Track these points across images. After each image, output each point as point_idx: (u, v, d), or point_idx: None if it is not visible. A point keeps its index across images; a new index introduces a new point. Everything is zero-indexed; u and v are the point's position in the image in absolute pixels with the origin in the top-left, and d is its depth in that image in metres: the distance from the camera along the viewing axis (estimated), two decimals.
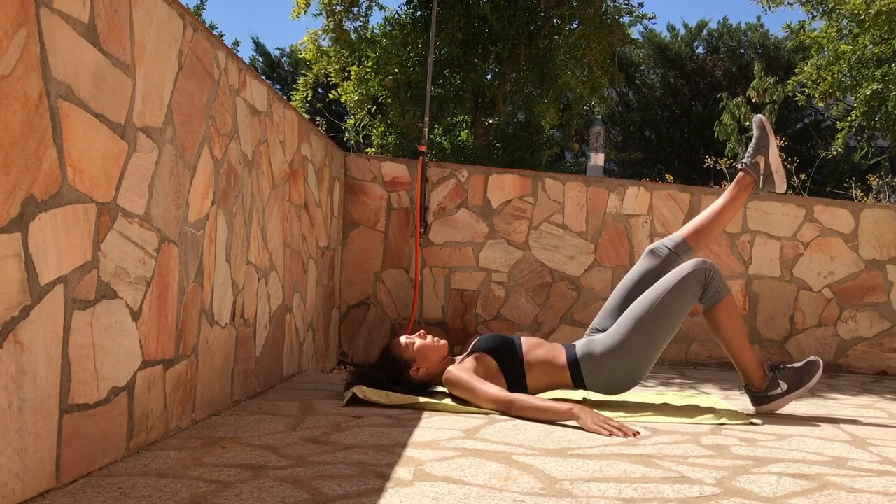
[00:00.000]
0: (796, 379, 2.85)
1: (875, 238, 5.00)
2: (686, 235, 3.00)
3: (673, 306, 2.79)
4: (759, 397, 2.88)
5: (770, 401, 2.86)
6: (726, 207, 3.03)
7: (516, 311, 4.84)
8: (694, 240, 2.99)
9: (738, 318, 2.90)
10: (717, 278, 2.83)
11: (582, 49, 6.86)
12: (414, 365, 2.83)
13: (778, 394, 2.85)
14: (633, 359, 2.79)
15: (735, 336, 2.87)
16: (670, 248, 2.96)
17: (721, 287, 2.84)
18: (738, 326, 2.88)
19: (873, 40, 7.02)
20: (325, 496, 1.58)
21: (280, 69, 15.98)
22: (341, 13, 7.08)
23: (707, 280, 2.81)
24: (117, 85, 1.79)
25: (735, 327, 2.86)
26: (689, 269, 2.81)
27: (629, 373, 2.80)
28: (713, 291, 2.82)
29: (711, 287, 2.82)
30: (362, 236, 4.79)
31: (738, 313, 2.90)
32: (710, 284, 2.82)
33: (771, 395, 2.86)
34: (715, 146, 10.86)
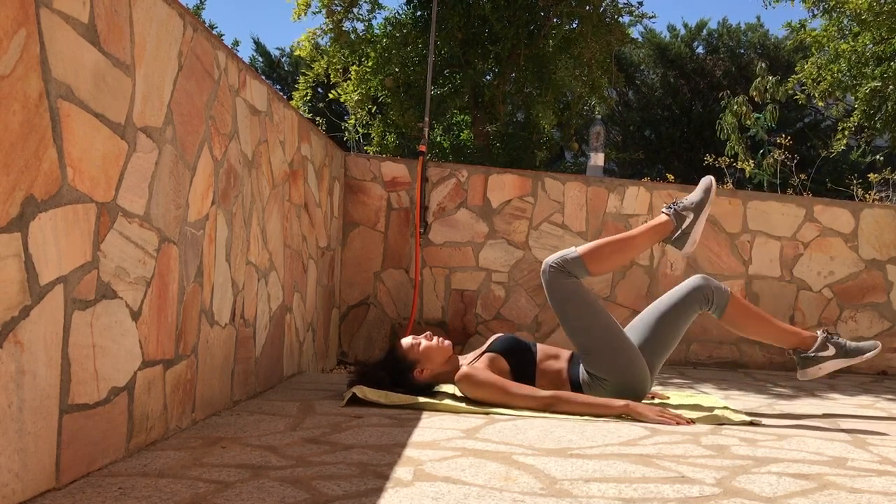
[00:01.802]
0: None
1: (875, 238, 5.00)
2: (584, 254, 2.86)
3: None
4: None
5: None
6: (636, 242, 2.97)
7: (516, 311, 4.84)
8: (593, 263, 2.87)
9: (605, 244, 2.92)
10: (717, 288, 2.87)
11: (580, 48, 6.86)
12: (418, 366, 2.83)
13: (824, 356, 2.84)
14: (634, 379, 2.83)
15: (622, 250, 2.92)
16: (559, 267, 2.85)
17: (722, 293, 2.87)
18: (613, 247, 2.90)
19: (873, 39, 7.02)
20: (325, 496, 1.58)
21: (280, 69, 15.97)
22: (341, 13, 7.08)
23: (563, 268, 2.83)
24: (117, 85, 1.79)
25: (613, 249, 2.90)
26: (547, 281, 2.85)
27: (633, 388, 2.83)
28: (718, 300, 2.86)
29: (569, 268, 2.84)
30: (362, 236, 4.79)
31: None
32: (566, 267, 2.83)
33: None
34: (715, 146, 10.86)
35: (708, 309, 2.89)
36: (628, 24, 7.74)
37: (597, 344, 2.82)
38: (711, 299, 2.86)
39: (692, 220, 2.93)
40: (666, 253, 4.89)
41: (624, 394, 2.76)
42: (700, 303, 2.87)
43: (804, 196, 6.13)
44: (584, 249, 2.88)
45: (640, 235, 2.97)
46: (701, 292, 2.86)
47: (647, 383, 2.87)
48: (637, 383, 2.84)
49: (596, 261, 2.88)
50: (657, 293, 4.84)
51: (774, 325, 2.95)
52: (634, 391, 2.82)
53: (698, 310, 2.88)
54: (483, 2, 6.60)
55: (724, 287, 2.91)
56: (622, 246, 2.95)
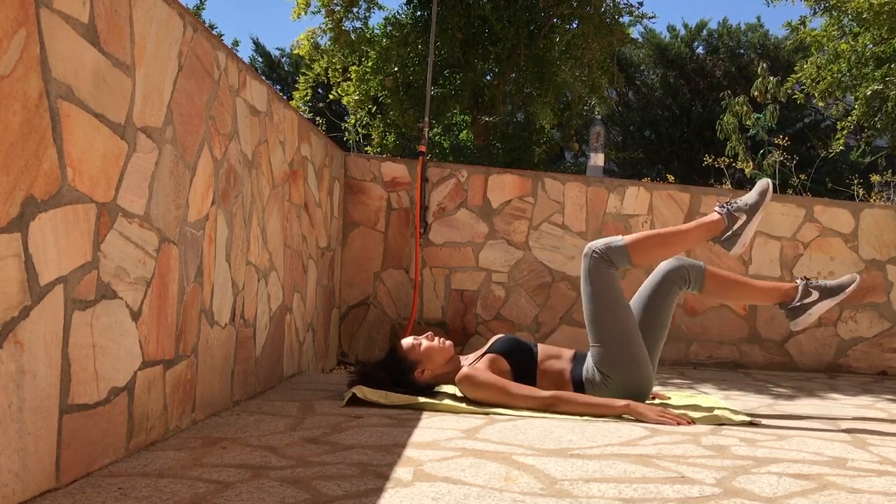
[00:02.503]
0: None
1: (875, 238, 5.00)
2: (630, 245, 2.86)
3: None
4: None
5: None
6: (684, 239, 2.95)
7: (516, 311, 4.84)
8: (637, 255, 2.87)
9: (728, 276, 2.95)
10: (607, 248, 2.84)
11: (580, 48, 6.86)
12: (419, 367, 2.83)
13: (810, 301, 2.86)
14: (637, 372, 2.82)
15: (668, 244, 2.92)
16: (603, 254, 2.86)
17: (697, 268, 2.88)
18: (659, 240, 2.91)
19: (873, 40, 7.02)
20: (325, 496, 1.58)
21: (280, 69, 15.97)
22: (340, 13, 7.08)
23: (605, 256, 2.83)
24: (117, 85, 1.79)
25: (659, 242, 2.90)
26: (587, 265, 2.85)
27: (635, 385, 2.82)
28: (616, 255, 2.84)
29: (613, 256, 2.83)
30: (362, 236, 4.79)
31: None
32: (610, 256, 2.83)
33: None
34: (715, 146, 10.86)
35: (687, 288, 2.90)
36: (628, 24, 7.74)
37: (614, 341, 2.81)
38: (688, 278, 2.87)
39: (744, 222, 2.89)
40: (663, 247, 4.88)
41: (627, 394, 2.76)
42: (678, 284, 2.88)
43: (804, 196, 6.13)
44: (630, 239, 2.87)
45: (689, 231, 2.93)
46: (676, 274, 2.88)
47: (650, 384, 2.87)
48: (642, 384, 2.84)
49: (641, 252, 2.86)
50: None
51: (754, 287, 2.98)
52: (638, 391, 2.81)
53: (678, 291, 2.90)
54: (483, 2, 6.60)
55: (697, 262, 2.92)
56: (669, 240, 2.93)
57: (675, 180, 9.76)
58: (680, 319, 4.87)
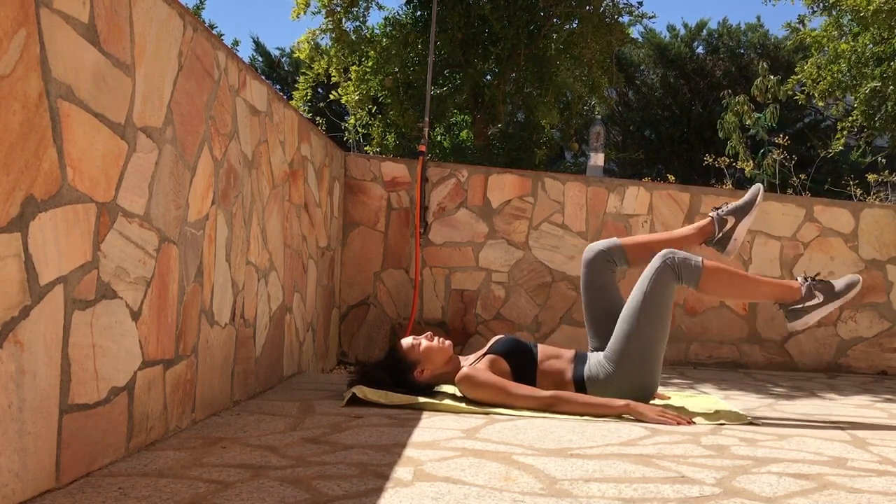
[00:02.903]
0: (834, 292, 2.82)
1: (875, 238, 5.00)
2: (627, 245, 2.98)
3: (656, 311, 2.78)
4: (795, 310, 2.82)
5: (805, 312, 2.81)
6: (677, 241, 3.01)
7: (516, 311, 4.84)
8: (633, 253, 2.97)
9: (730, 276, 2.86)
10: (683, 261, 2.79)
11: (580, 48, 6.85)
12: (419, 366, 2.83)
13: (814, 304, 2.80)
14: (640, 372, 2.79)
15: (740, 289, 2.90)
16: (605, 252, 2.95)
17: (692, 265, 2.79)
18: (734, 281, 2.86)
19: (873, 39, 7.02)
20: (325, 496, 1.58)
21: (280, 69, 15.97)
22: (340, 13, 7.07)
23: (676, 270, 2.78)
24: (117, 85, 1.79)
25: (732, 283, 2.86)
26: (655, 271, 2.79)
27: (638, 385, 2.80)
28: (688, 273, 2.78)
29: (684, 272, 2.79)
30: (362, 236, 4.79)
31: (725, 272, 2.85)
32: (681, 270, 2.78)
33: (808, 307, 2.81)
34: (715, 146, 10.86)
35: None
36: (628, 24, 7.73)
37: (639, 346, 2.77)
38: (679, 274, 2.79)
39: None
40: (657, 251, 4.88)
41: (631, 394, 2.74)
42: (671, 278, 2.79)
43: (804, 196, 6.13)
44: (710, 265, 2.84)
45: (764, 285, 2.92)
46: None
47: (655, 385, 2.85)
48: (647, 388, 2.82)
49: (712, 281, 2.83)
50: None
51: (755, 284, 2.90)
52: (642, 396, 2.79)
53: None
54: (483, 2, 6.59)
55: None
56: (743, 285, 2.92)
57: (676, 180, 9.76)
58: (680, 319, 4.87)
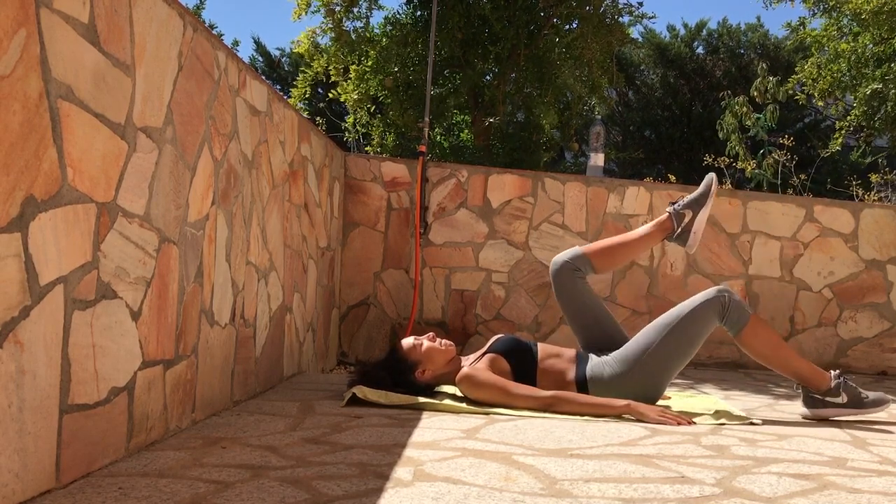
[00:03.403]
0: (859, 399, 2.74)
1: (875, 238, 5.00)
2: (589, 252, 2.99)
3: (687, 335, 2.77)
4: (816, 399, 2.76)
5: (825, 406, 2.75)
6: (638, 241, 3.05)
7: (516, 311, 4.84)
8: (598, 259, 2.99)
9: (771, 335, 2.80)
10: (736, 304, 2.75)
11: (580, 48, 6.85)
12: (420, 367, 2.83)
13: (835, 403, 2.73)
14: (645, 383, 2.78)
15: (775, 352, 2.79)
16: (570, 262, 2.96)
17: (742, 311, 2.75)
18: (773, 343, 2.79)
19: (873, 39, 7.02)
20: (325, 496, 1.58)
21: (280, 69, 15.96)
22: (340, 13, 7.07)
23: (724, 309, 2.74)
24: (117, 85, 1.79)
25: (771, 344, 2.78)
26: (705, 298, 2.75)
27: (643, 392, 2.77)
28: (735, 318, 2.74)
29: (732, 314, 2.74)
30: (362, 236, 4.79)
31: (768, 331, 2.80)
32: (730, 312, 2.73)
33: (828, 402, 2.74)
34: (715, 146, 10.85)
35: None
36: (628, 24, 7.73)
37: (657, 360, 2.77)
38: (726, 313, 2.74)
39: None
40: (666, 253, 4.89)
41: (634, 398, 2.71)
42: (716, 313, 2.74)
43: (804, 196, 6.13)
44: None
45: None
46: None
47: (660, 395, 2.83)
48: (653, 394, 2.80)
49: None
50: (657, 293, 4.85)
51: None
52: (646, 399, 2.76)
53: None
54: (483, 2, 6.59)
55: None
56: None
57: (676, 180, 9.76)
58: None
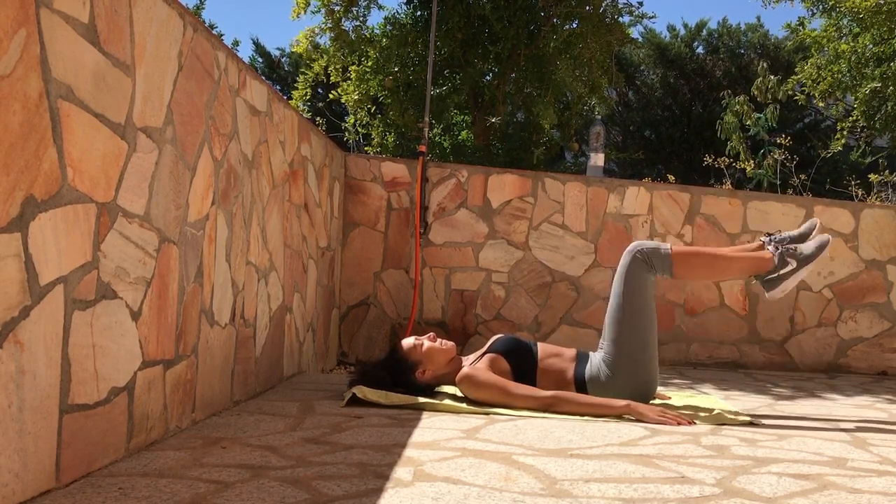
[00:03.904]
0: (804, 256, 2.80)
1: (875, 238, 5.00)
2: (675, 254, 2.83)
3: (637, 304, 2.80)
4: (772, 280, 2.81)
5: (781, 280, 2.80)
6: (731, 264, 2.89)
7: (516, 311, 4.84)
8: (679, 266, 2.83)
9: (702, 255, 2.89)
10: (652, 251, 2.81)
11: (579, 48, 6.85)
12: (420, 367, 2.83)
13: (789, 271, 2.79)
14: (636, 371, 2.80)
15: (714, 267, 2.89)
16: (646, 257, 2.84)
17: (662, 255, 2.80)
18: (708, 260, 2.88)
19: (873, 40, 7.02)
20: (325, 496, 1.58)
21: (280, 69, 15.96)
22: (340, 13, 7.07)
23: (648, 260, 2.80)
24: (117, 85, 1.79)
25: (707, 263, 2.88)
26: (627, 263, 2.82)
27: (637, 385, 2.80)
28: (660, 263, 2.80)
29: (655, 262, 2.80)
30: (362, 236, 4.79)
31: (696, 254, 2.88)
32: (653, 261, 2.80)
33: (783, 275, 2.79)
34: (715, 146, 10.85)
35: (655, 272, 2.81)
36: (628, 24, 7.74)
37: (631, 344, 2.79)
38: (651, 261, 2.80)
39: (793, 269, 2.81)
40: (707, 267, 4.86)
41: (631, 395, 2.74)
42: (644, 269, 2.80)
43: (804, 196, 6.13)
44: (678, 251, 2.84)
45: (737, 261, 2.87)
46: (637, 261, 2.80)
47: (655, 388, 2.87)
48: (647, 388, 2.83)
49: (684, 266, 2.83)
50: (657, 293, 4.84)
51: (727, 261, 2.86)
52: (642, 394, 2.80)
53: (648, 276, 2.81)
54: (483, 2, 6.59)
55: (661, 247, 2.83)
56: (716, 263, 2.90)
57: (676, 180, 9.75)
58: (680, 319, 4.87)
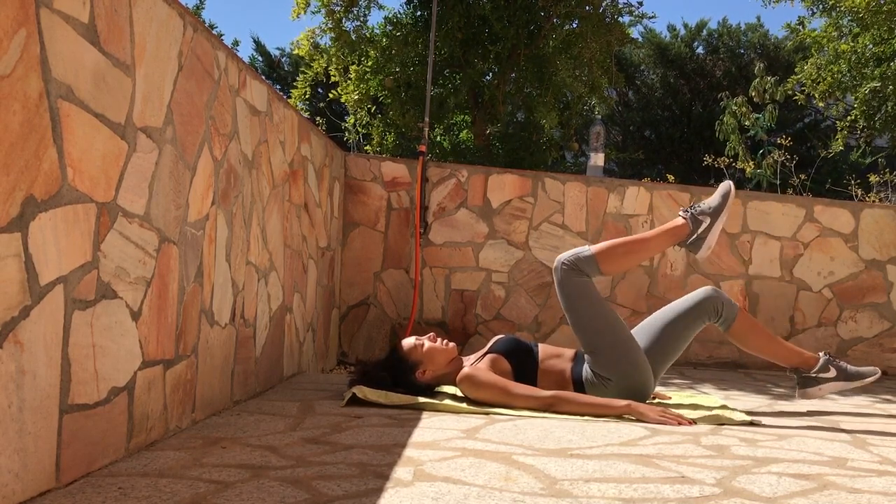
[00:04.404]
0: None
1: (875, 238, 5.00)
2: (596, 252, 2.87)
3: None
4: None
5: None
6: (649, 243, 2.98)
7: (516, 311, 4.84)
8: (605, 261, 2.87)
9: (758, 326, 2.99)
10: (727, 302, 2.90)
11: (579, 48, 6.85)
12: (421, 367, 2.83)
13: (825, 377, 2.90)
14: (639, 379, 2.83)
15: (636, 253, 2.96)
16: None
17: (732, 307, 2.91)
18: (762, 332, 2.97)
19: (873, 40, 7.01)
20: (325, 496, 1.58)
21: (280, 69, 15.96)
22: (340, 13, 7.07)
23: (718, 309, 2.88)
24: (117, 85, 1.79)
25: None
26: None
27: (637, 389, 2.83)
28: (727, 315, 2.89)
29: (725, 312, 2.89)
30: (362, 236, 4.79)
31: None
32: (724, 311, 2.88)
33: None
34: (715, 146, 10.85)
35: (716, 321, 2.92)
36: (628, 24, 7.73)
37: (604, 344, 2.83)
38: (720, 312, 2.90)
39: (708, 225, 2.94)
40: (666, 254, 4.89)
41: (627, 395, 2.76)
42: (709, 314, 2.90)
43: (804, 196, 6.13)
44: (598, 248, 2.89)
45: (654, 237, 2.98)
46: (711, 304, 2.89)
47: (650, 385, 2.88)
48: (641, 385, 2.84)
49: (608, 260, 2.89)
50: (657, 293, 4.85)
51: (778, 344, 3.01)
52: (638, 392, 2.82)
53: (706, 321, 2.91)
54: (483, 2, 6.59)
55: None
56: (636, 247, 2.97)
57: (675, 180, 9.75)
58: None
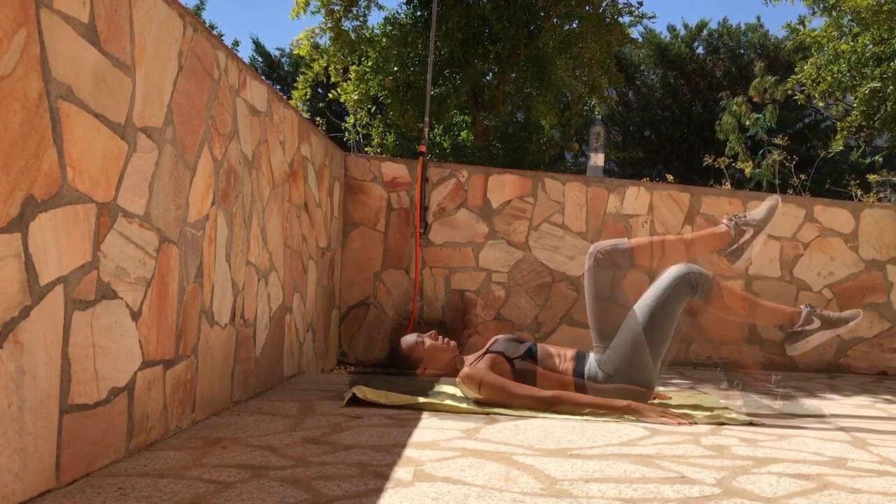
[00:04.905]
0: (831, 320, 2.92)
1: (875, 238, 5.00)
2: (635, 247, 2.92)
3: (666, 314, 2.85)
4: (793, 333, 2.94)
5: (803, 336, 2.92)
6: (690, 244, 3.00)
7: (516, 311, 4.84)
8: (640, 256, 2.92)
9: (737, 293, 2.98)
10: (701, 275, 2.86)
11: (579, 47, 6.85)
12: (421, 365, 2.84)
13: (811, 329, 2.91)
14: (637, 375, 2.82)
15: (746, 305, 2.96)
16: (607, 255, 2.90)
17: (622, 249, 2.88)
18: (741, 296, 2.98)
19: (873, 39, 7.02)
20: (325, 496, 1.58)
21: (280, 69, 15.96)
22: (340, 13, 7.07)
23: (694, 284, 2.84)
24: (117, 85, 1.79)
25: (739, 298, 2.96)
26: (674, 280, 2.85)
27: (634, 382, 2.81)
28: (702, 285, 2.85)
29: (616, 257, 2.88)
30: (362, 236, 4.79)
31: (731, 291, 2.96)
32: (700, 285, 2.84)
33: (805, 330, 2.92)
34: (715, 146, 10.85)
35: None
36: (628, 24, 7.74)
37: (618, 342, 2.82)
38: (696, 285, 2.85)
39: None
40: (667, 253, 4.88)
41: (629, 394, 2.75)
42: (685, 291, 2.86)
43: (804, 196, 6.13)
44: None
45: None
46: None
47: (653, 386, 2.87)
48: (645, 384, 2.84)
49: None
50: None
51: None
52: (640, 393, 2.81)
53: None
54: (483, 2, 6.59)
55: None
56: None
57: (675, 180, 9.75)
58: (680, 319, 4.86)
